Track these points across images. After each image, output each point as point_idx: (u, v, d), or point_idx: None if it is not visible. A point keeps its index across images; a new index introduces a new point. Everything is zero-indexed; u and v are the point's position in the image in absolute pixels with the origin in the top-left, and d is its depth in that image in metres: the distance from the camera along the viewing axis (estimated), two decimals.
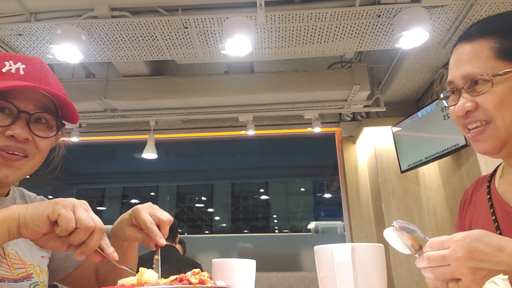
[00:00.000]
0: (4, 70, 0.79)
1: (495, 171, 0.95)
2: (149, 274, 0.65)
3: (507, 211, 0.82)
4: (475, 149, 0.84)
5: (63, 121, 0.88)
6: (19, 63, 0.81)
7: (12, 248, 0.82)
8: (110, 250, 0.70)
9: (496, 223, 0.83)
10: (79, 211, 0.65)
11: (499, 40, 0.78)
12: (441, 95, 0.90)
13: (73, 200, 0.67)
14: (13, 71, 0.79)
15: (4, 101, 0.76)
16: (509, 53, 0.76)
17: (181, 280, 0.63)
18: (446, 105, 0.89)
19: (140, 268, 0.67)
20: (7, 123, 0.77)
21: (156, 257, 0.79)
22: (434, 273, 0.62)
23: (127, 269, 0.75)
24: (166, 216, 0.85)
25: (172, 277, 0.64)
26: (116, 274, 0.93)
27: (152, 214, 0.83)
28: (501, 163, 0.92)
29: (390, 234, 0.65)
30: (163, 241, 0.80)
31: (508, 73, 0.75)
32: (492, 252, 0.58)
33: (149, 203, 0.87)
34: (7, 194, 0.89)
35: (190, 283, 0.62)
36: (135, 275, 0.69)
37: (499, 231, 0.81)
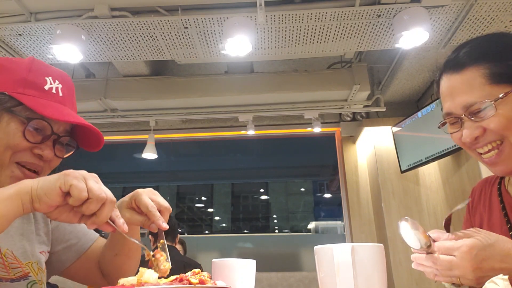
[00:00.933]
0: (46, 88, 0.83)
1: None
2: (149, 274, 0.65)
3: None
4: (493, 172, 0.84)
5: (84, 148, 0.94)
6: (57, 82, 0.85)
7: (8, 248, 0.83)
8: (120, 221, 0.70)
9: (509, 225, 0.84)
10: (90, 182, 0.66)
11: (488, 65, 0.79)
12: (438, 125, 0.93)
13: (83, 172, 0.68)
14: (53, 91, 0.84)
15: (44, 122, 0.81)
16: (501, 76, 0.78)
17: (181, 280, 0.63)
18: (445, 132, 0.90)
19: (140, 268, 0.67)
20: (37, 141, 0.81)
21: (161, 240, 0.79)
22: (438, 273, 0.64)
23: (135, 241, 0.76)
24: (166, 204, 0.84)
25: (172, 277, 0.64)
26: (121, 259, 0.94)
27: (153, 199, 0.83)
28: None
29: (405, 227, 0.65)
30: (165, 225, 0.80)
31: (507, 94, 0.77)
32: (500, 260, 0.60)
33: (150, 188, 0.87)
34: None
35: (190, 283, 0.62)
36: (144, 248, 0.70)
37: (511, 232, 0.82)
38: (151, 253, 0.75)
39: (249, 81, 3.75)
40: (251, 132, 4.00)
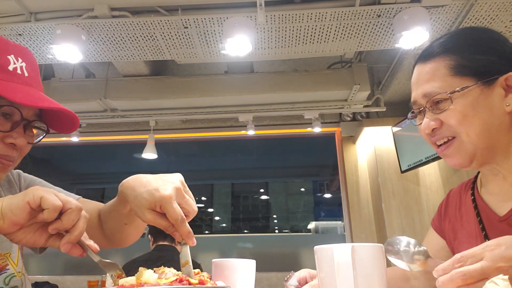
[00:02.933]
0: (10, 68, 0.78)
1: (476, 176, 0.95)
2: (148, 274, 0.65)
3: (494, 219, 0.82)
4: (447, 163, 0.86)
5: (60, 131, 0.89)
6: (20, 60, 0.80)
7: None
8: (90, 242, 0.65)
9: (484, 232, 0.83)
10: (61, 195, 0.61)
11: (454, 57, 0.80)
12: (408, 115, 0.93)
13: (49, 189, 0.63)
14: (18, 71, 0.79)
15: (13, 108, 0.76)
16: (464, 69, 0.78)
17: (181, 281, 0.63)
18: (414, 124, 0.91)
19: (140, 268, 0.67)
20: (6, 129, 0.76)
21: (185, 261, 0.72)
22: None
23: (112, 262, 0.68)
24: (195, 207, 0.76)
25: (172, 278, 0.64)
26: (130, 228, 0.88)
27: (182, 205, 0.72)
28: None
29: (393, 260, 0.67)
30: (194, 242, 0.73)
31: (465, 89, 0.77)
32: None
33: (178, 184, 0.72)
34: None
35: (189, 283, 0.62)
36: (120, 270, 0.66)
37: (487, 239, 0.81)
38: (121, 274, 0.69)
39: (249, 81, 3.75)
40: (251, 132, 3.99)
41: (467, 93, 0.77)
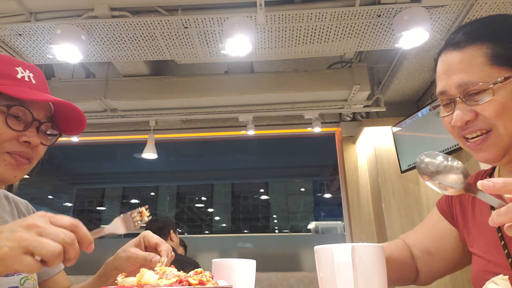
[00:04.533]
0: (18, 76, 0.84)
1: (493, 169, 0.92)
2: (149, 276, 0.65)
3: None
4: (476, 158, 0.81)
5: (68, 133, 0.94)
6: (28, 71, 0.86)
7: None
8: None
9: (500, 232, 0.81)
10: (34, 248, 0.52)
11: (491, 45, 0.75)
12: (429, 107, 0.89)
13: (18, 236, 0.53)
14: (26, 78, 0.85)
15: (23, 108, 0.82)
16: (503, 58, 0.74)
17: (180, 282, 0.63)
18: (437, 116, 0.87)
19: (141, 269, 0.67)
20: (20, 129, 0.82)
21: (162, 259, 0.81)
22: None
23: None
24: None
25: (173, 279, 0.64)
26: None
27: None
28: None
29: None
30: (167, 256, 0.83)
31: (507, 79, 0.72)
32: None
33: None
34: None
35: (189, 284, 0.62)
36: None
37: (500, 233, 0.80)
38: None
39: (249, 81, 3.75)
40: (251, 132, 4.00)
41: (508, 84, 0.73)
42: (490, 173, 0.92)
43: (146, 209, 0.79)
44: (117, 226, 0.72)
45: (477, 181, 0.92)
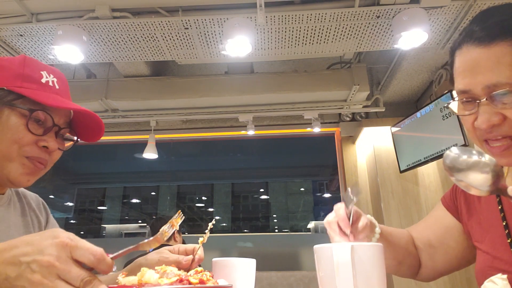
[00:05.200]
0: (43, 81, 0.85)
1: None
2: (150, 275, 0.65)
3: None
4: (499, 162, 0.72)
5: (83, 139, 0.95)
6: (52, 76, 0.87)
7: None
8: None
9: (505, 222, 0.79)
10: (65, 273, 0.49)
11: None
12: (446, 104, 0.80)
13: (46, 260, 0.48)
14: (50, 83, 0.86)
15: (45, 113, 0.83)
16: None
17: (181, 281, 0.63)
18: (454, 111, 0.79)
19: (142, 268, 0.68)
20: (39, 133, 0.82)
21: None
22: None
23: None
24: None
25: (173, 278, 0.65)
26: None
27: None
28: None
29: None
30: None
31: None
32: None
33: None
34: (3, 192, 0.91)
35: (190, 283, 0.63)
36: None
37: (507, 230, 0.78)
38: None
39: (249, 82, 3.76)
40: (251, 132, 4.00)
41: None
42: None
43: (179, 214, 0.83)
44: (149, 243, 0.73)
45: None
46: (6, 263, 0.49)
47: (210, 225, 0.84)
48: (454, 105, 0.79)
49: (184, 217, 0.83)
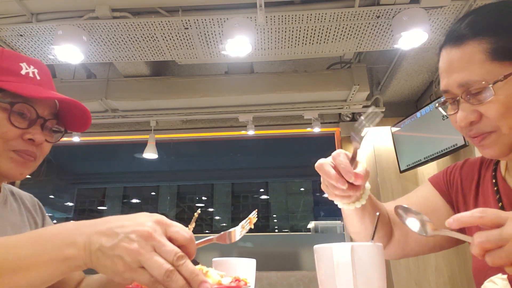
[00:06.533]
0: (23, 73, 0.83)
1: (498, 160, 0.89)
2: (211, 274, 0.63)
3: None
4: (482, 154, 0.79)
5: (72, 130, 0.93)
6: (32, 67, 0.85)
7: None
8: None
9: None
10: (161, 246, 0.49)
11: (490, 39, 0.70)
12: (436, 104, 0.82)
13: (144, 230, 0.49)
14: (30, 75, 0.84)
15: (27, 105, 0.81)
16: (504, 52, 0.70)
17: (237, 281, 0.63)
18: (444, 113, 0.84)
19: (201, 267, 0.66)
20: (24, 126, 0.81)
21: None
22: (489, 257, 0.53)
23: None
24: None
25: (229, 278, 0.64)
26: None
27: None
28: None
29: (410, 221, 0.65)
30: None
31: (509, 77, 0.69)
32: None
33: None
34: None
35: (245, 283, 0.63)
36: None
37: None
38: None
39: (249, 82, 3.76)
40: (251, 132, 4.00)
41: (510, 81, 0.69)
42: (495, 163, 0.89)
43: (255, 213, 0.82)
44: (224, 237, 0.75)
45: (481, 169, 0.90)
46: (100, 233, 0.49)
47: (196, 214, 0.81)
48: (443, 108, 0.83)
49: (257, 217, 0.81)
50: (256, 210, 0.82)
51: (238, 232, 0.77)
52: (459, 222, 0.56)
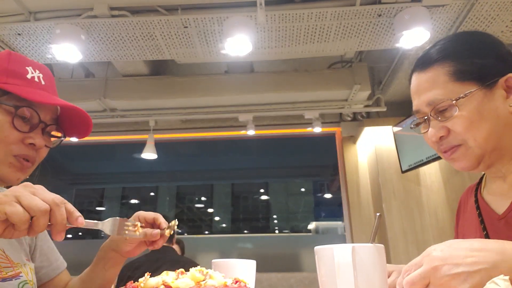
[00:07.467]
0: (28, 77, 0.84)
1: (481, 178, 0.96)
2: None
3: (494, 218, 0.83)
4: (454, 167, 0.86)
5: (73, 136, 0.95)
6: (37, 71, 0.86)
7: None
8: (76, 215, 0.65)
9: (485, 232, 0.84)
10: (24, 199, 0.58)
11: (452, 63, 0.81)
12: (411, 126, 0.92)
13: (14, 189, 0.61)
14: (36, 79, 0.85)
15: (31, 110, 0.81)
16: (464, 74, 0.79)
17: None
18: (417, 134, 0.91)
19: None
20: (25, 130, 0.81)
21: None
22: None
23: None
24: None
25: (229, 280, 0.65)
26: (112, 271, 0.93)
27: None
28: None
29: None
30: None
31: (469, 94, 0.78)
32: (466, 254, 0.56)
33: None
34: None
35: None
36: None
37: (485, 232, 0.83)
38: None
39: (249, 81, 3.74)
40: (251, 132, 3.99)
41: (471, 98, 0.78)
42: (477, 184, 0.96)
43: (167, 228, 0.85)
44: (108, 225, 0.74)
45: (468, 195, 0.97)
46: None
47: (173, 222, 0.87)
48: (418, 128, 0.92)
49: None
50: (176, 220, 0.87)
51: (122, 226, 0.79)
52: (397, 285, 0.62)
